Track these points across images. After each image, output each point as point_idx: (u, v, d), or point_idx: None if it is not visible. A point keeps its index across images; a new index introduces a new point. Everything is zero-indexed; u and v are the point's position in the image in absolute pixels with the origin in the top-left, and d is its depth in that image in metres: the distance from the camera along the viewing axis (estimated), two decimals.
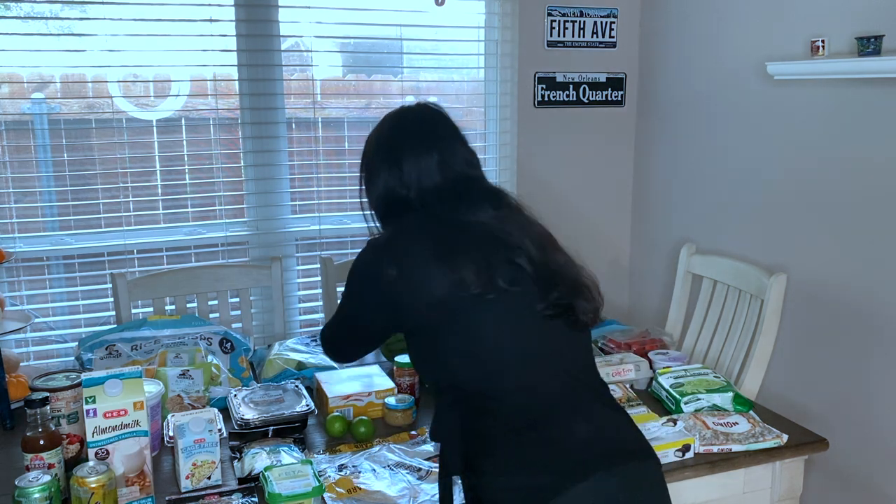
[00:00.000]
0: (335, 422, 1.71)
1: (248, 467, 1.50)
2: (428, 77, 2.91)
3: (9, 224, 2.44)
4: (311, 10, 2.66)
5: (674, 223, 3.00)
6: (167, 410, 1.73)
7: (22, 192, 2.45)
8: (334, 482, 1.48)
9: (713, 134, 2.77)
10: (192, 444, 1.46)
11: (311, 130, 2.76)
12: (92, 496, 1.27)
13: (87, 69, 2.45)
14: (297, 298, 2.80)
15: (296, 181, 2.76)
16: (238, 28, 2.57)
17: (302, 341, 2.17)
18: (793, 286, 2.34)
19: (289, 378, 1.92)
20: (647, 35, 3.07)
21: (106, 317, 2.54)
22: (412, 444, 1.66)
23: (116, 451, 1.38)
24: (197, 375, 1.82)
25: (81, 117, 2.48)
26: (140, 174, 2.56)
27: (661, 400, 1.87)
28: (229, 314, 2.40)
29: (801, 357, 2.45)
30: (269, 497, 1.29)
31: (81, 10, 2.40)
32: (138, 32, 2.46)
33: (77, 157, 2.49)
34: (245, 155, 2.67)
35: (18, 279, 2.48)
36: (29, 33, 2.37)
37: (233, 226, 2.70)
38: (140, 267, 2.58)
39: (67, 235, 2.52)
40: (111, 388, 1.37)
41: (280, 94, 2.66)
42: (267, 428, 1.64)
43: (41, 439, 1.38)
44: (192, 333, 2.06)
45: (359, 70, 2.83)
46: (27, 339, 2.51)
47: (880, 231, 2.17)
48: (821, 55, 2.22)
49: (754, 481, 1.67)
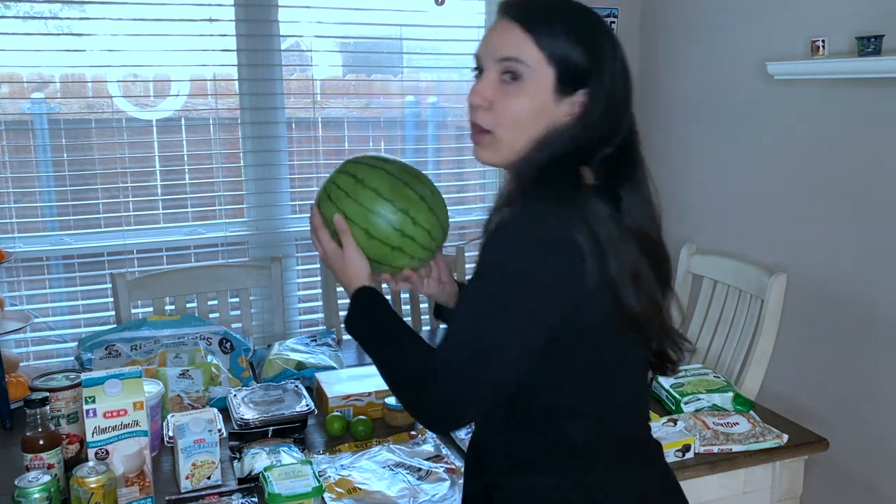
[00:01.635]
0: (335, 422, 1.71)
1: (247, 467, 1.50)
2: (428, 77, 2.91)
3: (8, 224, 2.44)
4: (310, 10, 2.66)
5: (674, 223, 2.99)
6: (167, 410, 1.73)
7: (22, 191, 2.45)
8: (334, 482, 1.48)
9: (713, 133, 2.77)
10: (191, 445, 1.46)
11: (311, 130, 2.76)
12: (92, 496, 1.27)
13: (87, 69, 2.45)
14: (296, 298, 2.80)
15: (296, 181, 2.76)
16: (238, 28, 2.57)
17: (302, 341, 2.17)
18: (793, 286, 2.34)
19: (288, 378, 1.91)
20: (647, 35, 3.07)
21: (106, 317, 2.54)
22: (412, 445, 1.66)
23: (116, 452, 1.38)
24: (197, 375, 1.82)
25: (81, 117, 2.48)
26: (140, 174, 2.56)
27: (662, 400, 1.87)
28: (229, 314, 2.40)
29: (802, 357, 2.45)
30: (269, 497, 1.29)
31: (81, 9, 2.40)
32: (138, 32, 2.46)
33: (77, 157, 2.49)
34: (245, 155, 2.67)
35: (18, 279, 2.48)
36: (28, 33, 2.37)
37: (232, 226, 2.70)
38: (140, 267, 2.58)
39: (67, 235, 2.52)
40: (111, 388, 1.37)
41: (280, 94, 2.66)
42: (267, 428, 1.64)
43: (41, 439, 1.38)
44: (192, 333, 2.06)
45: (359, 70, 2.83)
46: (27, 339, 2.51)
47: (880, 231, 2.17)
48: (821, 55, 2.22)
49: (754, 481, 1.66)
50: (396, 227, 1.17)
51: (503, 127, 1.08)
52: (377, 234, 1.18)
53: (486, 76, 1.09)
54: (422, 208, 1.19)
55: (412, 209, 1.18)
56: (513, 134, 1.08)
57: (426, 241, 1.20)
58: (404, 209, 1.18)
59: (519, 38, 1.06)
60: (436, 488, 1.48)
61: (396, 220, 1.17)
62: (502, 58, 1.07)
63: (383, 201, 1.17)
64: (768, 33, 2.49)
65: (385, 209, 1.17)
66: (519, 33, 1.06)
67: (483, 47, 1.11)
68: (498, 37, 1.09)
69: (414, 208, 1.19)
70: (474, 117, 1.11)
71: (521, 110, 1.07)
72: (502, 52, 1.07)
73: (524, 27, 1.06)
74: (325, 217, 1.21)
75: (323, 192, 1.23)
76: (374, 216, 1.17)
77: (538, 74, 1.06)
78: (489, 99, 1.08)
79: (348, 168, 1.22)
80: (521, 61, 1.06)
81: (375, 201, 1.17)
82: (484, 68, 1.10)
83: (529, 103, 1.07)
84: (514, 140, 1.09)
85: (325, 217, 1.22)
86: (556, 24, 1.07)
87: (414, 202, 1.19)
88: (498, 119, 1.08)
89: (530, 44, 1.05)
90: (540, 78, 1.06)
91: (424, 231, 1.20)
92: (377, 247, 1.18)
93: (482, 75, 1.10)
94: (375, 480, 1.50)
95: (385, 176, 1.19)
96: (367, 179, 1.19)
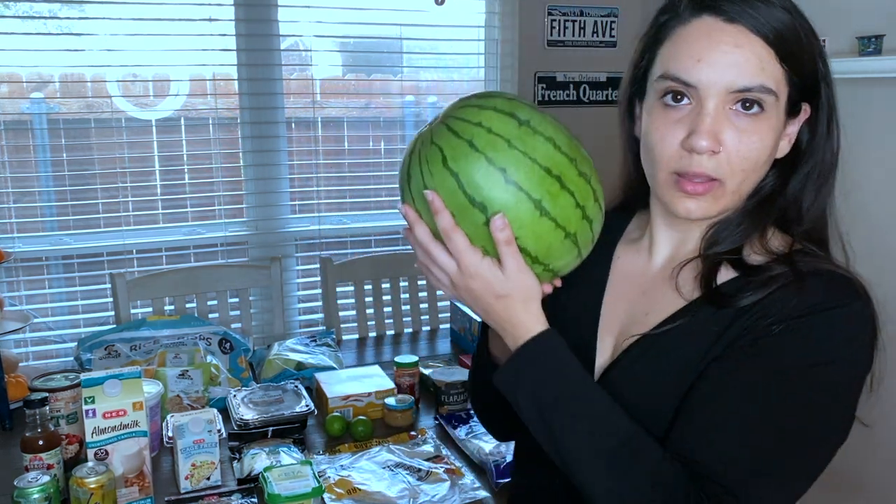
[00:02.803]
0: (335, 422, 1.71)
1: (247, 468, 1.50)
2: (428, 76, 2.90)
3: (8, 224, 2.44)
4: (310, 10, 2.66)
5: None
6: (166, 411, 1.72)
7: (21, 191, 2.45)
8: (334, 483, 1.48)
9: None
10: (191, 445, 1.46)
11: (311, 130, 2.76)
12: (91, 497, 1.27)
13: (87, 69, 2.44)
14: (296, 299, 2.80)
15: (295, 181, 2.75)
16: (237, 27, 2.57)
17: (301, 341, 2.16)
18: None
19: (288, 378, 1.91)
20: None
21: (105, 317, 2.54)
22: (412, 445, 1.65)
23: (116, 452, 1.38)
24: (196, 376, 1.82)
25: (80, 117, 2.48)
26: (139, 174, 2.56)
27: None
28: (228, 314, 2.39)
29: None
30: (269, 498, 1.29)
31: (80, 9, 2.40)
32: (137, 32, 2.45)
33: (76, 157, 2.48)
34: (244, 155, 2.66)
35: (17, 279, 2.48)
36: (28, 33, 2.37)
37: (232, 226, 2.70)
38: (139, 267, 2.58)
39: (66, 235, 2.51)
40: (110, 389, 1.37)
41: (279, 94, 2.66)
42: (266, 428, 1.64)
43: (40, 440, 1.38)
44: (192, 334, 2.05)
45: (358, 69, 2.83)
46: (26, 340, 2.51)
47: (881, 231, 2.17)
48: None
49: None
50: (580, 201, 0.77)
51: (736, 175, 0.83)
52: (555, 209, 0.75)
53: (717, 110, 0.81)
54: (596, 176, 0.81)
55: (593, 177, 0.80)
56: (745, 182, 0.85)
57: (598, 228, 0.83)
58: (586, 174, 0.78)
59: (763, 55, 0.80)
60: (436, 489, 1.47)
61: (581, 189, 0.77)
62: (743, 88, 0.80)
63: (564, 158, 0.76)
64: None
65: (570, 172, 0.76)
66: (762, 48, 0.80)
67: (704, 70, 0.81)
68: (734, 57, 0.80)
69: (594, 176, 0.80)
70: (697, 166, 0.82)
71: (762, 152, 0.83)
72: (744, 79, 0.80)
73: (764, 37, 0.80)
74: (468, 192, 0.73)
75: (435, 152, 0.74)
76: (555, 181, 0.74)
77: (780, 100, 0.83)
78: (722, 141, 0.82)
79: (495, 104, 0.76)
80: (768, 89, 0.81)
81: (554, 157, 0.74)
82: (705, 98, 0.81)
83: (772, 140, 0.84)
84: (743, 189, 0.86)
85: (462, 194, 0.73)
86: (792, 20, 0.82)
87: (591, 165, 0.81)
88: (733, 166, 0.82)
89: (774, 62, 0.81)
90: (781, 104, 0.83)
91: (601, 212, 0.82)
92: (546, 231, 0.76)
93: (702, 107, 0.82)
94: (375, 481, 1.50)
95: (551, 121, 0.78)
96: (533, 122, 0.75)
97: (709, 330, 0.84)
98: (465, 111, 0.76)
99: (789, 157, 0.89)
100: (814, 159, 0.88)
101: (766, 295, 0.82)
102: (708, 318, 0.85)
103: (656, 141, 0.85)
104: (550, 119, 0.78)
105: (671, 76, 0.83)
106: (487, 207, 0.74)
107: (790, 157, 0.89)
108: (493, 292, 0.79)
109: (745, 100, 0.81)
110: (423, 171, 0.75)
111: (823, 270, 0.84)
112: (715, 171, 0.82)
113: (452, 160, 0.73)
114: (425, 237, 0.79)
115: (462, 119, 0.75)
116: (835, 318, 0.80)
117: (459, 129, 0.74)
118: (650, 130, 0.86)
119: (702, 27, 0.82)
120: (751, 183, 0.86)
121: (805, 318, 0.79)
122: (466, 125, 0.74)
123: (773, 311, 0.81)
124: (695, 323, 0.86)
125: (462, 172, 0.73)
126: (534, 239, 0.76)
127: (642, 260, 0.99)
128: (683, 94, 0.83)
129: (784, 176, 0.89)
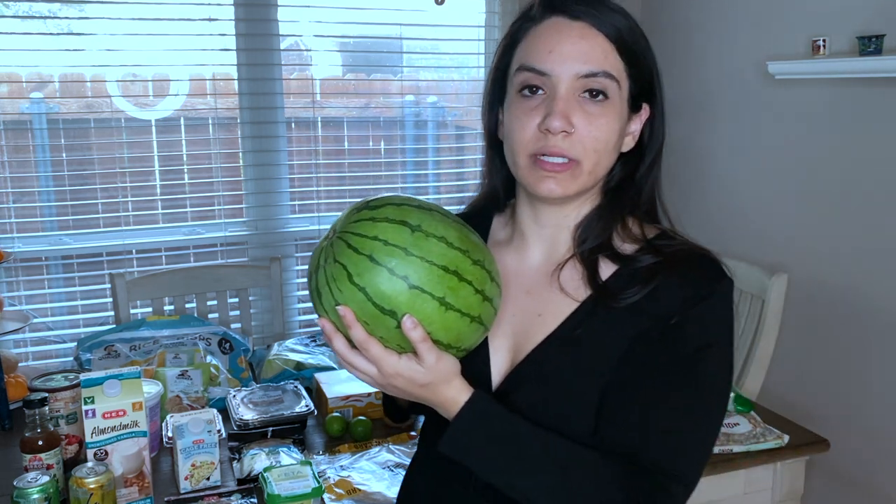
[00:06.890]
0: (334, 422, 1.70)
1: (247, 468, 1.50)
2: (427, 76, 2.90)
3: (7, 224, 2.43)
4: (310, 10, 2.66)
5: (673, 223, 2.99)
6: (166, 411, 1.72)
7: (20, 191, 2.45)
8: (334, 483, 1.48)
9: (713, 133, 2.77)
10: (191, 445, 1.46)
11: (311, 130, 2.76)
12: (91, 497, 1.27)
13: (86, 69, 2.44)
14: (296, 298, 2.79)
15: (295, 181, 2.75)
16: (237, 27, 2.57)
17: (301, 342, 2.16)
18: (793, 286, 2.34)
19: (288, 378, 1.91)
20: (648, 34, 3.06)
21: (105, 317, 2.53)
22: (412, 445, 1.65)
23: (115, 452, 1.38)
24: (196, 376, 1.82)
25: (80, 117, 2.48)
26: (139, 174, 2.56)
27: None
28: (228, 314, 2.39)
29: (803, 357, 2.44)
30: (269, 498, 1.29)
31: (80, 9, 2.39)
32: (137, 32, 2.45)
33: (76, 157, 2.48)
34: (244, 155, 2.66)
35: (17, 279, 2.47)
36: (27, 32, 2.37)
37: (232, 226, 2.69)
38: (139, 267, 2.58)
39: (66, 235, 2.51)
40: (110, 389, 1.37)
41: (279, 94, 2.66)
42: (266, 429, 1.63)
43: (40, 440, 1.38)
44: (191, 334, 2.05)
45: (358, 69, 2.83)
46: (26, 340, 2.50)
47: (881, 231, 2.17)
48: (822, 54, 2.22)
49: (755, 482, 1.66)
50: (478, 287, 0.83)
51: (590, 156, 0.93)
52: (458, 301, 0.82)
53: (567, 94, 0.91)
54: (490, 257, 0.88)
55: (487, 259, 0.86)
56: (598, 164, 0.94)
57: (499, 302, 0.89)
58: (480, 261, 0.84)
59: (605, 47, 0.92)
60: None
61: (477, 276, 0.83)
62: (589, 73, 0.91)
63: (457, 253, 0.82)
64: (769, 33, 2.49)
65: (464, 263, 0.82)
66: (604, 41, 0.92)
67: (555, 59, 0.91)
68: (580, 46, 0.91)
69: (488, 258, 0.87)
70: (553, 146, 0.91)
71: (611, 134, 0.93)
72: (589, 65, 0.91)
73: (605, 34, 0.92)
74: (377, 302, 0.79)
75: (340, 270, 0.80)
76: (453, 276, 0.81)
77: (622, 90, 0.94)
78: (574, 123, 0.91)
79: (387, 214, 0.82)
80: (611, 76, 0.92)
81: (447, 254, 0.81)
82: (556, 84, 0.91)
83: (618, 125, 0.94)
84: (597, 171, 0.95)
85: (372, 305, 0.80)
86: (629, 23, 0.95)
87: (482, 249, 0.87)
88: (585, 146, 0.92)
89: (615, 55, 0.93)
90: (623, 94, 0.94)
91: (499, 287, 0.88)
92: (453, 322, 0.82)
93: (554, 92, 0.91)
94: (375, 481, 1.49)
95: (440, 219, 0.84)
96: (424, 225, 0.81)
97: (612, 328, 0.93)
98: (361, 226, 0.82)
99: (634, 153, 1.00)
100: (652, 152, 1.00)
101: (653, 288, 0.92)
102: (606, 315, 0.94)
103: (516, 128, 0.94)
104: (440, 216, 0.84)
105: (527, 67, 0.93)
106: (396, 312, 0.80)
107: (634, 152, 1.00)
108: (417, 383, 0.86)
109: (591, 89, 0.91)
110: (331, 289, 0.82)
111: (692, 255, 0.96)
112: (570, 151, 0.92)
113: (357, 276, 0.79)
114: (343, 348, 0.86)
115: (359, 234, 0.81)
116: (716, 304, 0.92)
117: (358, 245, 0.80)
118: (511, 121, 0.95)
119: (552, 25, 0.93)
120: (603, 166, 0.96)
121: (696, 307, 0.91)
122: (364, 240, 0.80)
123: (664, 303, 0.92)
124: (596, 321, 0.94)
125: (368, 286, 0.79)
126: (444, 331, 0.82)
127: (516, 260, 1.05)
128: (538, 86, 0.93)
129: (630, 169, 1.00)
